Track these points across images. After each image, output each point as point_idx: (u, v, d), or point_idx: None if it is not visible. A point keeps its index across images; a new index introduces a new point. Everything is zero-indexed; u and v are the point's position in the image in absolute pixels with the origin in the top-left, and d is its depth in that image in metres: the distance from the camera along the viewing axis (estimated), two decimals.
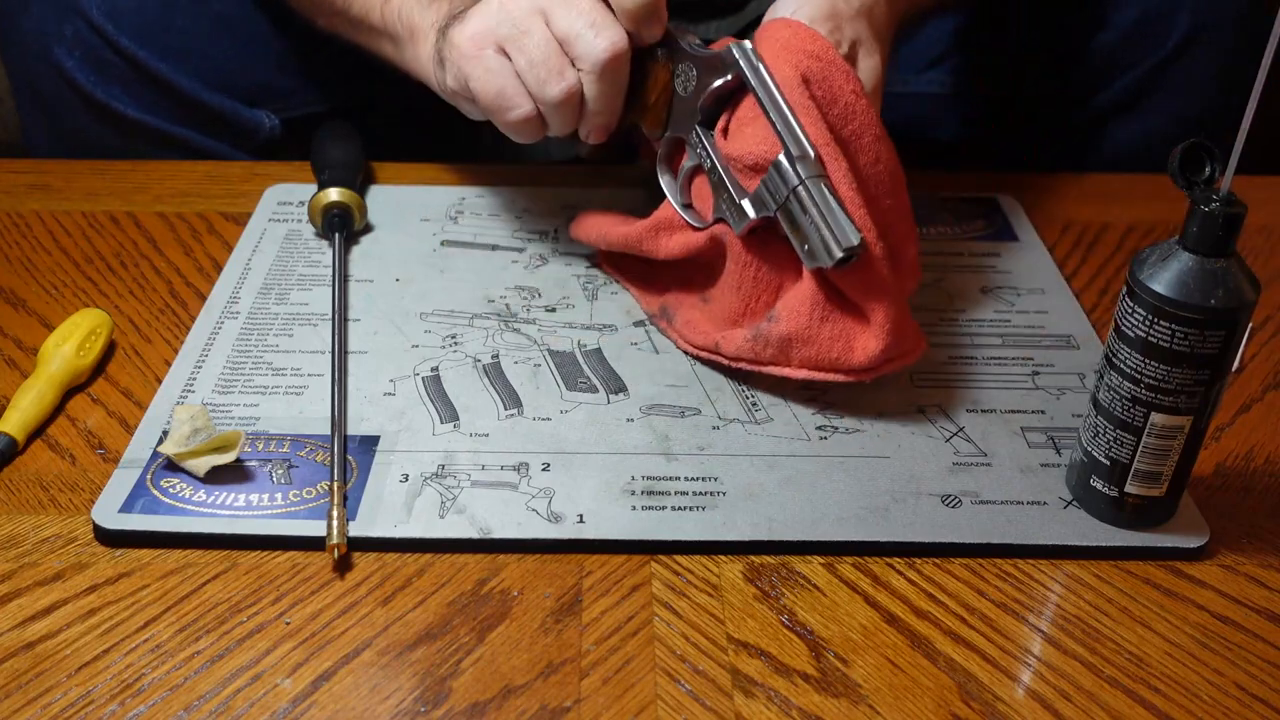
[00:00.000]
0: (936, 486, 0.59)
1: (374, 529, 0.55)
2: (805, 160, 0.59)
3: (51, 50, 0.85)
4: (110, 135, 0.88)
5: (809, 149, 0.59)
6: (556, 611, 0.52)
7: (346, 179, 0.78)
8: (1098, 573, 0.55)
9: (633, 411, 0.63)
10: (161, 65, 0.86)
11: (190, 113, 0.88)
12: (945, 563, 0.56)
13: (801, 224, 0.59)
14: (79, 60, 0.85)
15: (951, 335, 0.70)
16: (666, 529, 0.56)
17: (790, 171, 0.59)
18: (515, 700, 0.49)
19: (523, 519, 0.56)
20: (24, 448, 0.60)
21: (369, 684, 0.49)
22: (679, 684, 0.49)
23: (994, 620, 0.53)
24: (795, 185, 0.59)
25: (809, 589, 0.54)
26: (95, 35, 0.84)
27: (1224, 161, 0.49)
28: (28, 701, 0.48)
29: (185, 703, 0.48)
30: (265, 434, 0.61)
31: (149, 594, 0.53)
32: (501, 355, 0.67)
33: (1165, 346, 0.51)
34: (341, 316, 0.69)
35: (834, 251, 0.58)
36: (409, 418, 0.62)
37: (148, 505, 0.56)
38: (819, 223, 0.58)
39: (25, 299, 0.72)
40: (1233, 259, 0.50)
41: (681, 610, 0.53)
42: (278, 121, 0.90)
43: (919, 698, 0.49)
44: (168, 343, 0.68)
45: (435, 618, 0.52)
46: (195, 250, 0.77)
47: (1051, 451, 0.61)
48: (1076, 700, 0.49)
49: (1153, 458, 0.54)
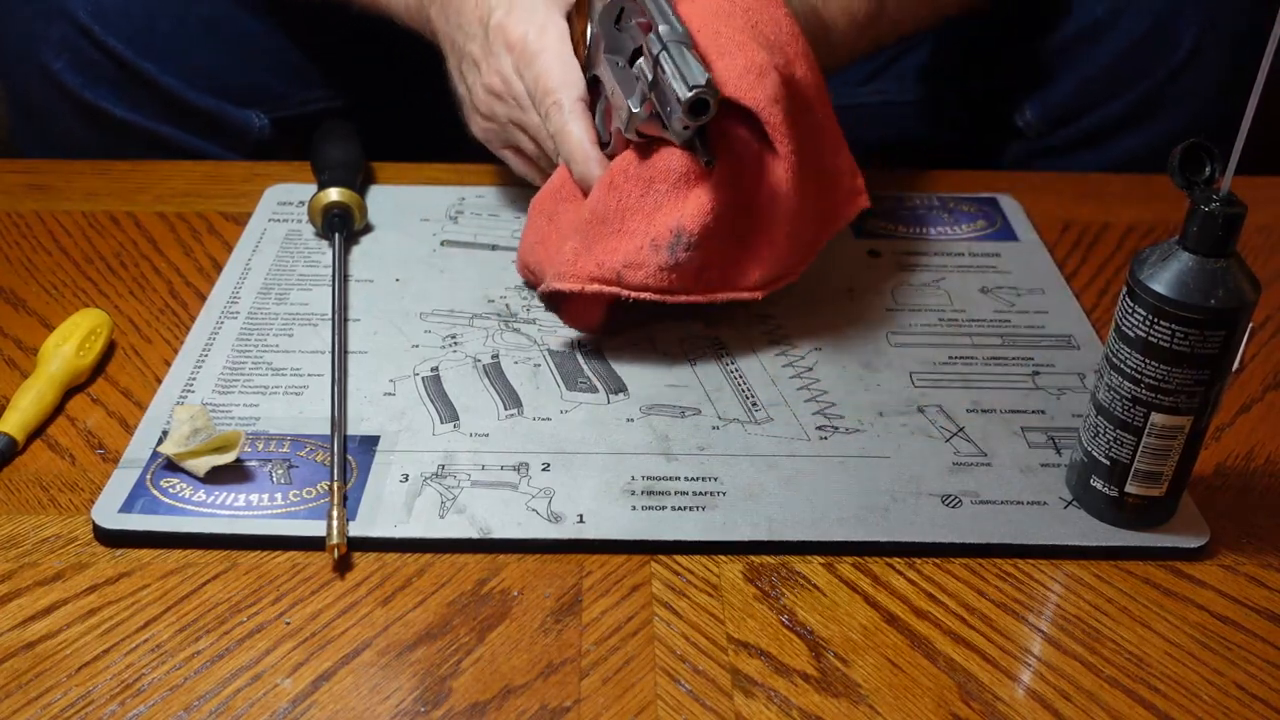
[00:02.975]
0: (936, 486, 0.59)
1: (374, 529, 0.55)
2: (669, 28, 0.60)
3: (39, 52, 0.85)
4: (99, 137, 0.88)
5: (675, 23, 0.60)
6: (556, 611, 0.52)
7: (346, 179, 0.78)
8: (1098, 573, 0.55)
9: (633, 411, 0.63)
10: (149, 66, 0.86)
11: (179, 113, 0.88)
12: (945, 563, 0.56)
13: (664, 91, 0.59)
14: (66, 62, 0.85)
15: (951, 335, 0.70)
16: (666, 529, 0.56)
17: (654, 40, 0.60)
18: (515, 700, 0.49)
19: (523, 519, 0.56)
20: (24, 448, 0.60)
21: (369, 684, 0.49)
22: (679, 684, 0.49)
23: (994, 620, 0.53)
24: (657, 53, 0.59)
25: (809, 589, 0.54)
26: (82, 37, 0.84)
27: (1224, 161, 0.49)
28: (28, 701, 0.48)
29: (185, 703, 0.48)
30: (265, 434, 0.61)
31: (149, 594, 0.53)
32: (501, 355, 0.67)
33: (1165, 346, 0.51)
34: (341, 316, 0.69)
35: (682, 95, 0.57)
36: (409, 418, 0.62)
37: (148, 505, 0.56)
38: (673, 80, 0.58)
39: (25, 299, 0.72)
40: (1233, 259, 0.50)
41: (681, 610, 0.53)
42: (267, 122, 0.90)
43: (919, 698, 0.49)
44: (168, 343, 0.68)
45: (435, 618, 0.52)
46: (195, 250, 0.77)
47: (1051, 451, 0.61)
48: (1076, 700, 0.49)
49: (1153, 458, 0.54)
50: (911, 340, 0.69)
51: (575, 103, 0.66)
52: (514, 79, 0.69)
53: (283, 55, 0.91)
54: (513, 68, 0.68)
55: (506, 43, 0.68)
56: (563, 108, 0.66)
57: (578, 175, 0.67)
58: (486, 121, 0.72)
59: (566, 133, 0.66)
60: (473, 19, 0.70)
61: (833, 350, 0.68)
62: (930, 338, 0.69)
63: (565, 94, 0.66)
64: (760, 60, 0.63)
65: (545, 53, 0.67)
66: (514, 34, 0.68)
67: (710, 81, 0.57)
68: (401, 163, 0.86)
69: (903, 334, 0.70)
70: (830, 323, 0.70)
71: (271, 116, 0.91)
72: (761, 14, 0.65)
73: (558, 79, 0.66)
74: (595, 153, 0.66)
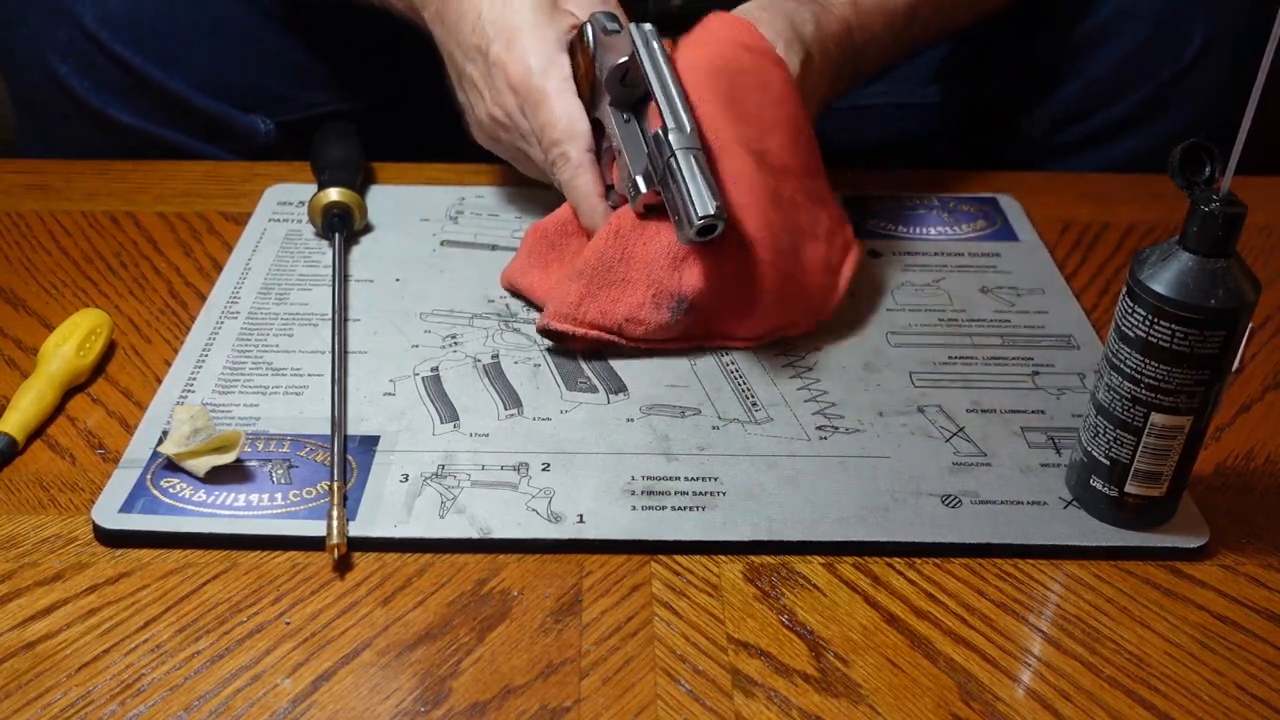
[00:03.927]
0: (936, 486, 0.59)
1: (374, 529, 0.55)
2: (680, 133, 0.62)
3: (46, 57, 0.85)
4: (105, 141, 0.88)
5: (686, 122, 0.62)
6: (556, 611, 0.52)
7: (346, 179, 0.78)
8: (1098, 573, 0.55)
9: (633, 411, 0.63)
10: (156, 71, 0.86)
11: (185, 118, 0.88)
12: (945, 563, 0.56)
13: (673, 194, 0.61)
14: (73, 67, 0.85)
15: (951, 335, 0.70)
16: (666, 529, 0.56)
17: (665, 143, 0.61)
18: (515, 700, 0.49)
19: (523, 519, 0.56)
20: (24, 448, 0.60)
21: (369, 684, 0.49)
22: (679, 684, 0.49)
23: (994, 620, 0.53)
24: (669, 156, 0.61)
25: (809, 589, 0.54)
26: (89, 42, 0.84)
27: (1224, 161, 0.49)
28: (28, 701, 0.48)
29: (185, 703, 0.48)
30: (265, 434, 0.61)
31: (149, 594, 0.53)
32: (501, 355, 0.67)
33: (1165, 346, 0.51)
34: (341, 316, 0.69)
35: (693, 219, 0.60)
36: (409, 418, 0.62)
37: (148, 505, 0.56)
38: (684, 192, 0.60)
39: (25, 299, 0.72)
40: (1233, 259, 0.50)
41: (681, 610, 0.53)
42: (273, 126, 0.90)
43: (919, 698, 0.49)
44: (168, 343, 0.68)
45: (435, 618, 0.52)
46: (195, 250, 0.77)
47: (1051, 451, 0.61)
48: (1076, 700, 0.49)
49: (1153, 458, 0.54)
50: (911, 340, 0.69)
51: (582, 154, 0.67)
52: (519, 117, 0.69)
53: (288, 59, 0.91)
54: (516, 107, 0.69)
55: (509, 83, 0.68)
56: (569, 160, 0.67)
57: (584, 224, 0.68)
58: (491, 140, 0.73)
59: (573, 186, 0.67)
60: (470, 44, 0.70)
61: (833, 350, 0.68)
62: (930, 338, 0.69)
63: (571, 146, 0.67)
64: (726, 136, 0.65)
65: (549, 99, 0.67)
66: (515, 74, 0.68)
67: (720, 209, 0.60)
68: (401, 163, 0.86)
69: (903, 334, 0.70)
70: (830, 323, 0.70)
71: (277, 120, 0.91)
72: (750, 79, 0.66)
73: (563, 129, 0.67)
74: (602, 206, 0.67)
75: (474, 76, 0.71)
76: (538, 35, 0.68)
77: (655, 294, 0.65)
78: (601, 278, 0.65)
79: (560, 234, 0.70)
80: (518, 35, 0.68)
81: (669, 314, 0.65)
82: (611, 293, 0.65)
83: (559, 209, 0.70)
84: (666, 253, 0.64)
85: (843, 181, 0.85)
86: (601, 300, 0.65)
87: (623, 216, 0.65)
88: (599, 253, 0.65)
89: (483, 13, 0.69)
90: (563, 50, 0.68)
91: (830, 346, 0.68)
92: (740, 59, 0.66)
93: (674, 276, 0.64)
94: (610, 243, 0.65)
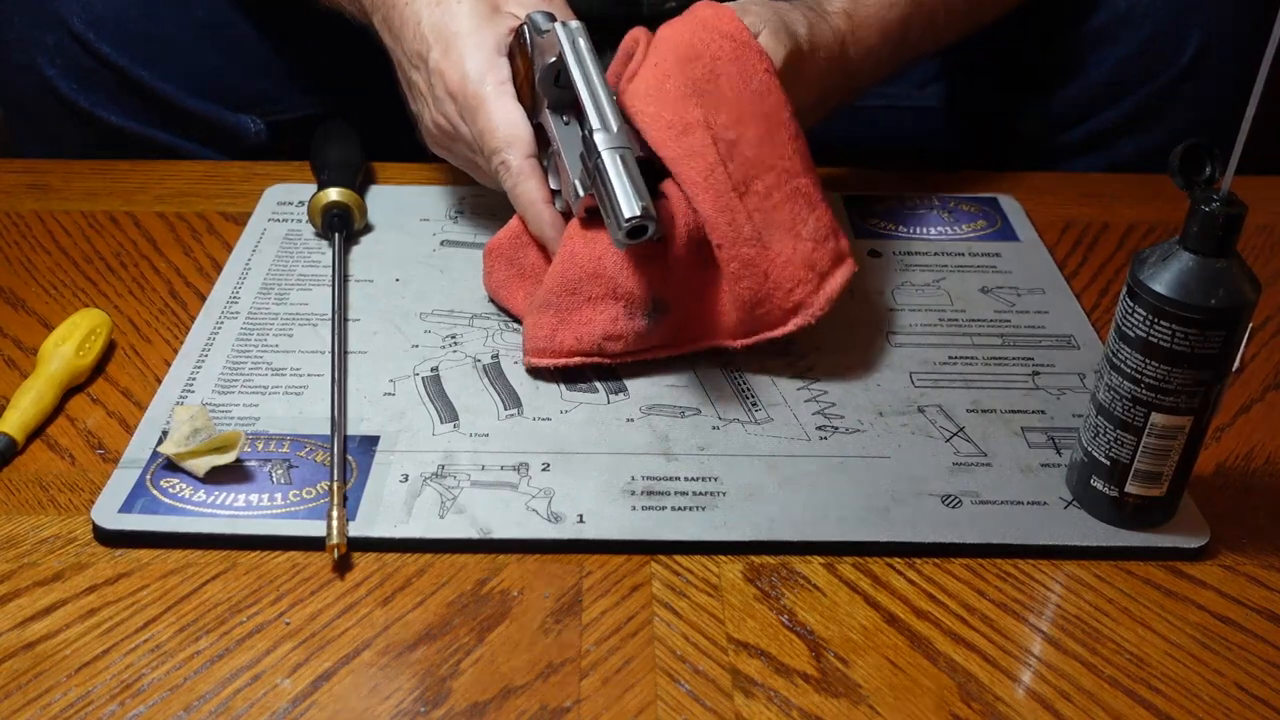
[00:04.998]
0: (936, 486, 0.59)
1: (374, 529, 0.55)
2: (605, 132, 0.60)
3: (35, 60, 0.85)
4: (95, 143, 0.88)
5: (612, 121, 0.60)
6: (556, 612, 0.52)
7: (346, 179, 0.78)
8: (1098, 573, 0.55)
9: (633, 411, 0.63)
10: (144, 72, 0.86)
11: (175, 119, 0.88)
12: (945, 563, 0.56)
13: (602, 197, 0.60)
14: (61, 69, 0.85)
15: (951, 335, 0.70)
16: (666, 529, 0.56)
17: (591, 143, 0.60)
18: (515, 700, 0.49)
19: (523, 519, 0.56)
20: (24, 448, 0.60)
21: (369, 684, 0.49)
22: (679, 684, 0.49)
23: (994, 620, 0.53)
24: (595, 158, 0.60)
25: (809, 589, 0.54)
26: (77, 44, 0.84)
27: (1224, 161, 0.49)
28: (28, 701, 0.48)
29: (185, 703, 0.48)
30: (265, 434, 0.61)
31: (149, 594, 0.53)
32: (501, 355, 0.67)
33: (1166, 346, 0.51)
34: (341, 316, 0.69)
35: (620, 222, 0.58)
36: (409, 418, 0.62)
37: (147, 505, 0.56)
38: (610, 194, 0.59)
39: (25, 299, 0.72)
40: (1233, 259, 0.50)
41: (681, 610, 0.53)
42: (263, 126, 0.90)
43: (919, 698, 0.49)
44: (167, 343, 0.68)
45: (435, 618, 0.52)
46: (195, 250, 0.77)
47: (1051, 451, 0.61)
48: (1076, 700, 0.49)
49: (1153, 458, 0.54)
50: (911, 340, 0.69)
51: (523, 161, 0.65)
52: (461, 125, 0.68)
53: (278, 59, 0.91)
54: (457, 114, 0.68)
55: (447, 90, 0.67)
56: (510, 168, 0.65)
57: (534, 233, 0.67)
58: (443, 150, 0.72)
59: (516, 195, 0.66)
60: (413, 51, 0.69)
61: (833, 350, 0.68)
62: (930, 338, 0.69)
63: (511, 153, 0.65)
64: (689, 117, 0.62)
65: (486, 104, 0.66)
66: (452, 81, 0.67)
67: (647, 209, 0.58)
68: (401, 163, 0.86)
69: (903, 334, 0.70)
70: (830, 323, 0.69)
71: (267, 120, 0.91)
72: (730, 67, 0.64)
73: (502, 137, 0.65)
74: (548, 214, 0.65)
75: (418, 84, 0.70)
76: (475, 40, 0.67)
77: (626, 304, 0.63)
78: (568, 301, 0.64)
79: (514, 248, 0.68)
80: (454, 41, 0.67)
81: (645, 320, 0.64)
82: (582, 314, 0.64)
83: (510, 222, 0.68)
84: (625, 260, 0.63)
85: (843, 182, 0.85)
86: (574, 325, 0.64)
87: (574, 236, 0.64)
88: (560, 278, 0.64)
89: (422, 19, 0.68)
90: (501, 54, 0.67)
91: (830, 346, 0.68)
92: (721, 47, 0.64)
93: (639, 281, 0.63)
94: (568, 265, 0.64)
